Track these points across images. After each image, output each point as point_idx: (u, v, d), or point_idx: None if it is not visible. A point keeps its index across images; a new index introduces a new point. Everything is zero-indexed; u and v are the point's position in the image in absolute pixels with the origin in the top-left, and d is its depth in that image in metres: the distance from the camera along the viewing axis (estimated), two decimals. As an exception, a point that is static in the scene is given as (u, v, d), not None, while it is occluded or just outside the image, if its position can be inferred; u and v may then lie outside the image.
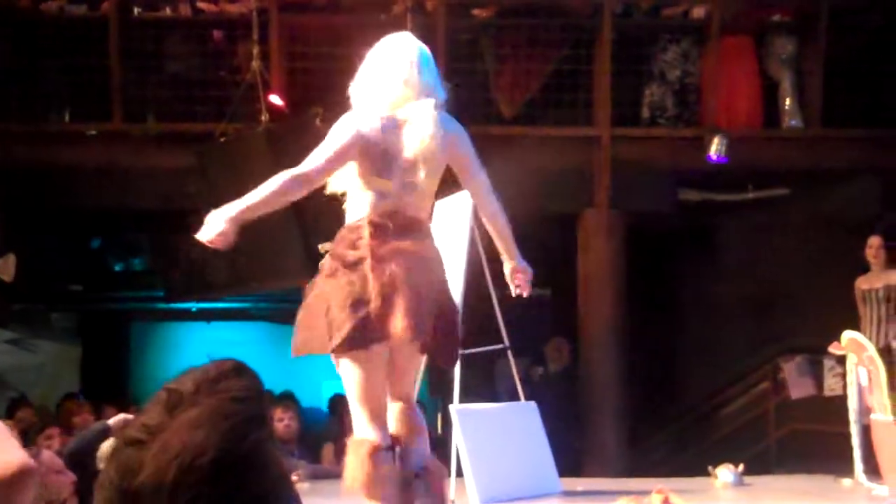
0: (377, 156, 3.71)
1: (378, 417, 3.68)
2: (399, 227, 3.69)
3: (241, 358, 1.13)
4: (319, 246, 3.98)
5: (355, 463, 3.60)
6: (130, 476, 1.02)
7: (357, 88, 3.88)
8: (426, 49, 3.94)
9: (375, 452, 3.60)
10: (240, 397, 1.06)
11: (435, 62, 4.04)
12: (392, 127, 3.74)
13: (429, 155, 3.72)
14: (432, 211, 4.03)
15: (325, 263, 3.76)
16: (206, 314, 12.53)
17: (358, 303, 3.58)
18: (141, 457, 1.02)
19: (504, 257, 4.09)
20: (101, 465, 4.43)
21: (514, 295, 4.12)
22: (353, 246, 3.66)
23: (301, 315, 3.79)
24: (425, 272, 3.70)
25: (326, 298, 3.65)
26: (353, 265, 3.62)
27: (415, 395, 4.02)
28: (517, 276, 4.04)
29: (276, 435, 7.21)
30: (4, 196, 8.67)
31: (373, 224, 3.66)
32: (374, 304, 3.57)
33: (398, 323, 3.56)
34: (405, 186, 3.74)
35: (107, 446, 4.10)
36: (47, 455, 4.22)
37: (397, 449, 3.74)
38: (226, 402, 1.05)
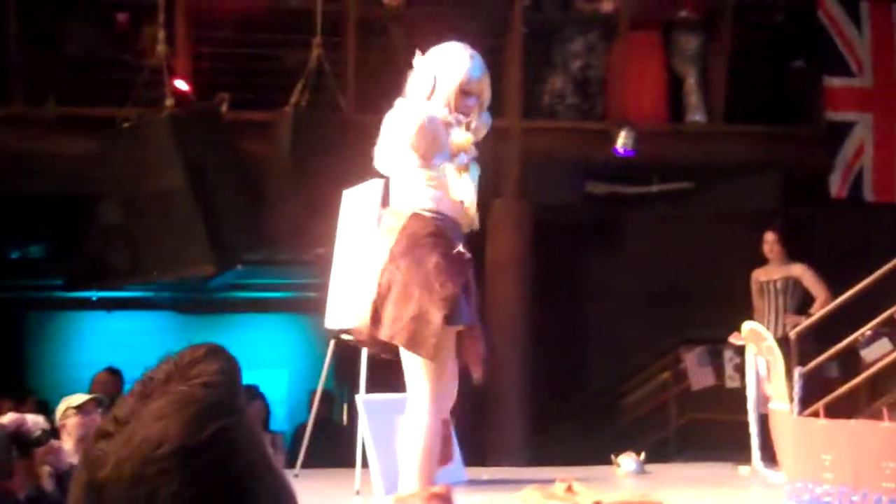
0: None
1: None
2: None
3: (144, 349, 1.11)
4: None
5: None
6: (96, 469, 0.99)
7: None
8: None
9: None
10: (210, 382, 1.02)
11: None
12: None
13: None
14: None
15: None
16: (106, 303, 12.26)
17: None
18: (108, 449, 1.00)
19: None
20: None
21: None
22: None
23: None
24: None
25: None
26: None
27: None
28: None
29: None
30: None
31: None
32: None
33: None
34: None
35: None
36: None
37: None
38: (195, 388, 1.02)
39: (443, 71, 3.94)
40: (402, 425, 3.87)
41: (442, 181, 3.91)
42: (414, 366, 3.81)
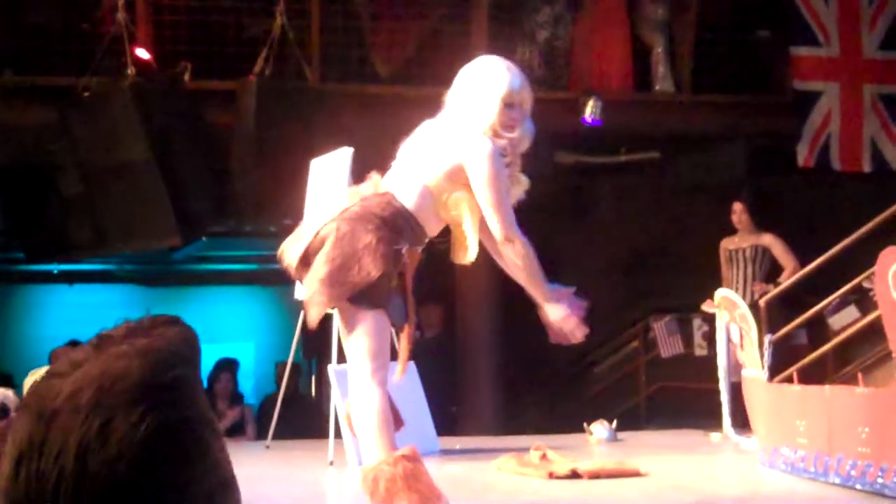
0: None
1: None
2: None
3: (107, 322, 1.07)
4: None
5: None
6: (48, 400, 0.97)
7: None
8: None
9: None
10: (171, 340, 1.02)
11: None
12: None
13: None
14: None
15: None
16: (68, 276, 12.08)
17: None
18: (61, 384, 0.97)
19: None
20: None
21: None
22: None
23: None
24: None
25: None
26: None
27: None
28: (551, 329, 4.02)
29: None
30: None
31: None
32: None
33: None
34: None
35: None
36: None
37: None
38: (157, 340, 1.01)
39: (483, 86, 3.90)
40: (351, 404, 3.88)
41: (440, 200, 3.88)
42: (353, 342, 3.80)
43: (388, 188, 3.89)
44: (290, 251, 3.89)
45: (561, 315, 3.95)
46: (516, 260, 3.93)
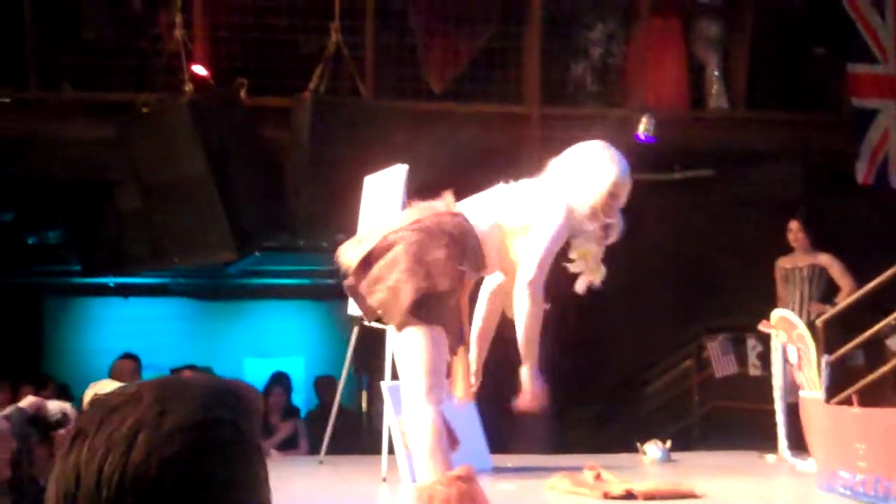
0: None
1: None
2: None
3: (161, 335, 1.12)
4: None
5: None
6: (110, 399, 1.05)
7: None
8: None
9: None
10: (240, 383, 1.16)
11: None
12: None
13: None
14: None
15: None
16: (124, 289, 12.23)
17: None
18: (126, 389, 1.06)
19: None
20: None
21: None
22: None
23: None
24: None
25: None
26: None
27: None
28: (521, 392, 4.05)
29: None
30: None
31: None
32: None
33: None
34: None
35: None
36: None
37: None
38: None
39: (595, 170, 3.94)
40: (406, 421, 3.90)
41: (505, 240, 3.96)
42: (409, 359, 3.82)
43: (466, 211, 3.93)
44: (349, 252, 3.91)
45: (533, 380, 4.02)
46: (522, 314, 3.98)
